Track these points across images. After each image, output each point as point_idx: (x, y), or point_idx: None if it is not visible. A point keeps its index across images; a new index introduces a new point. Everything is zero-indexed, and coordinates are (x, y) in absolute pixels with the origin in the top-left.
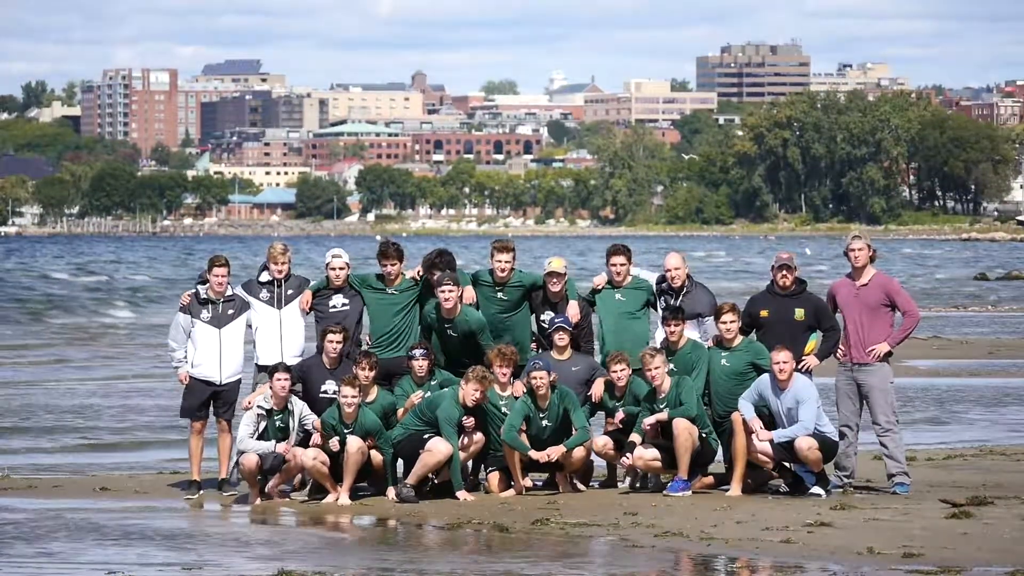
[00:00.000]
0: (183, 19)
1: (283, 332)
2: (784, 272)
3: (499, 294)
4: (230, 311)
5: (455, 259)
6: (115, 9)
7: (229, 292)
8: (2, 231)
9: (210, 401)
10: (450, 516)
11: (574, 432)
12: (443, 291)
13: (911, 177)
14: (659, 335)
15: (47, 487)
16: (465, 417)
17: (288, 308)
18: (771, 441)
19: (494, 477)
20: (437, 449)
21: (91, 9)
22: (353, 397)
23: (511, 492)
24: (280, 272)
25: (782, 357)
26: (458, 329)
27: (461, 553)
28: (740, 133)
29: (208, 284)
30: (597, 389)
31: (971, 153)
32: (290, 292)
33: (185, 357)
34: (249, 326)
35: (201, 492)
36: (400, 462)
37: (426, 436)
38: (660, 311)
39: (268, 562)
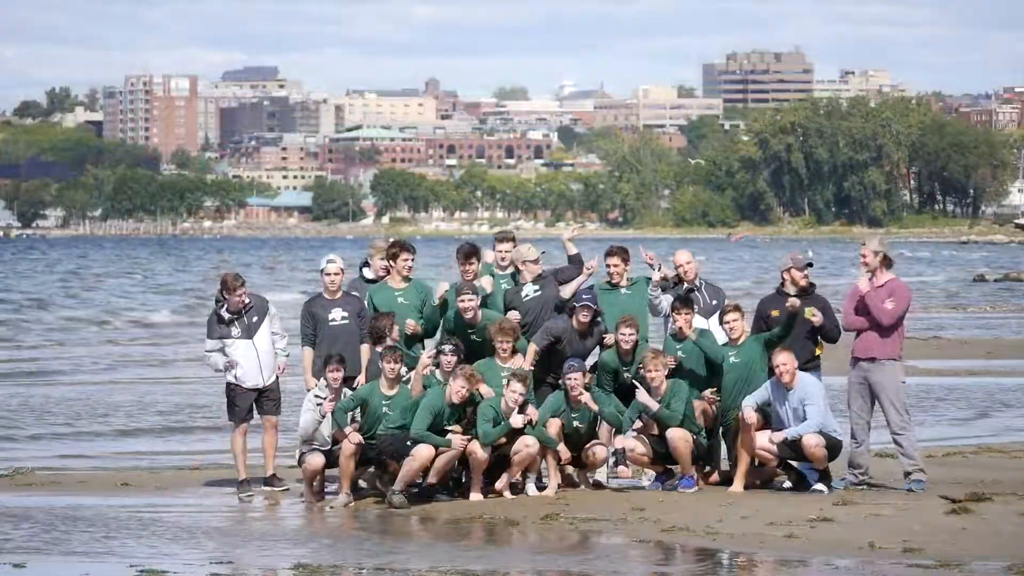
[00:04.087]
0: (203, 27)
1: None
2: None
3: (502, 283)
4: (255, 318)
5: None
6: (138, 17)
7: (247, 300)
8: (25, 233)
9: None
10: (462, 511)
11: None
12: (462, 300)
13: (912, 181)
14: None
15: (72, 482)
16: (454, 429)
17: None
18: (784, 440)
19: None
20: (420, 454)
21: (114, 17)
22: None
23: (549, 491)
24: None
25: (782, 359)
26: (481, 334)
27: (472, 547)
28: (745, 138)
29: (226, 303)
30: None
31: (970, 158)
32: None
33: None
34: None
35: (252, 490)
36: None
37: (408, 443)
38: (655, 303)
39: (286, 557)
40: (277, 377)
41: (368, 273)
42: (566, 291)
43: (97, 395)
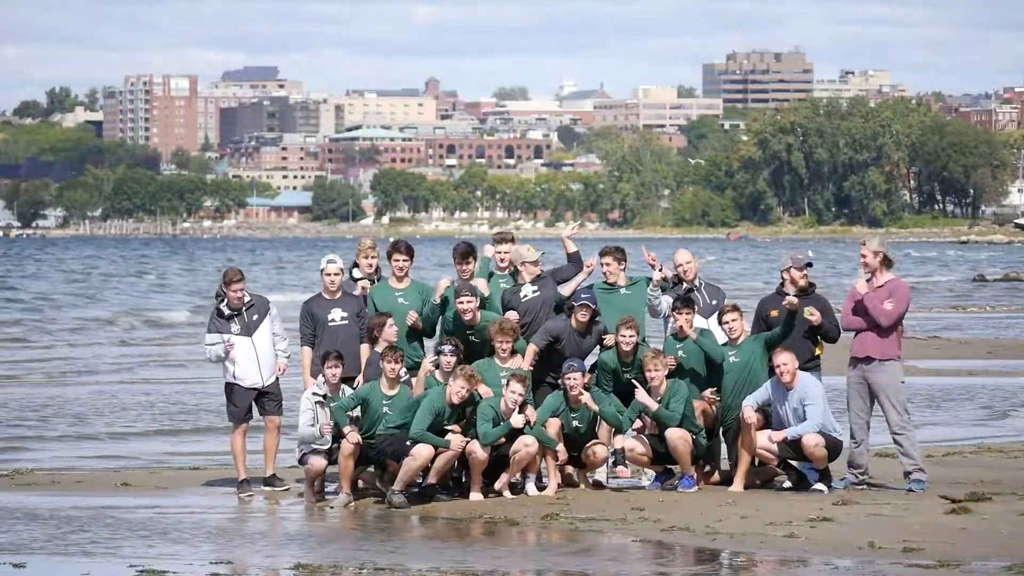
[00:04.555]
0: (203, 27)
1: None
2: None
3: (501, 283)
4: (255, 316)
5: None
6: (138, 17)
7: (247, 299)
8: (25, 233)
9: (252, 403)
10: (462, 511)
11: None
12: (461, 302)
13: (911, 181)
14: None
15: (72, 482)
16: (453, 429)
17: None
18: (784, 440)
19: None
20: (419, 453)
21: (114, 17)
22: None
23: (549, 491)
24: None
25: (783, 359)
26: (480, 335)
27: (473, 546)
28: (745, 138)
29: (226, 299)
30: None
31: (970, 158)
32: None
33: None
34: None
35: (252, 490)
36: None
37: (408, 443)
38: (654, 304)
39: (286, 557)
40: (278, 378)
41: (357, 274)
42: (565, 290)
43: (103, 395)
